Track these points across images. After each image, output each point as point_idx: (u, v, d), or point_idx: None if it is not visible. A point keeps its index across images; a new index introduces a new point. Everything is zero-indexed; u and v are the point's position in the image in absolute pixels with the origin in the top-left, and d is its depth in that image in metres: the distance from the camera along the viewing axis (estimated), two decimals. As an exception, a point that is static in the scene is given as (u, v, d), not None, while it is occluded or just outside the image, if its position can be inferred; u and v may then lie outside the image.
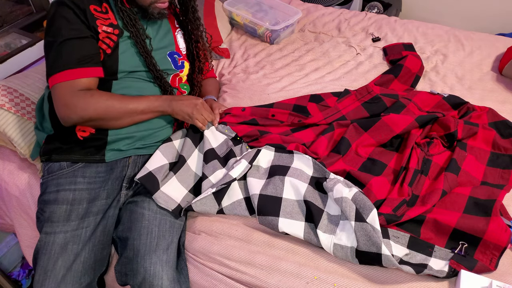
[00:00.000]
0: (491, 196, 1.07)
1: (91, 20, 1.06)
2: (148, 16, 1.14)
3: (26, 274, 1.67)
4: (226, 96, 1.52)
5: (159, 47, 1.21)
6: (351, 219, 0.97)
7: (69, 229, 1.01)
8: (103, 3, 1.11)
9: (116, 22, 1.11)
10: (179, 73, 1.29)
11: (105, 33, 1.08)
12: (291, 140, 1.24)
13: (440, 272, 0.92)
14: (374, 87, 1.49)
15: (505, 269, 0.95)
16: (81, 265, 0.98)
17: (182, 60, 1.30)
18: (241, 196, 1.11)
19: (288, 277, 0.97)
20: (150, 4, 1.12)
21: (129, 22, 1.11)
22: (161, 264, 0.96)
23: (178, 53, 1.28)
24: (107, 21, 1.10)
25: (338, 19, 2.05)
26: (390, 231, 1.01)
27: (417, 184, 1.12)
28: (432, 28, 1.92)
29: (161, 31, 1.24)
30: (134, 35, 1.12)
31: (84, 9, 1.05)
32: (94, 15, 1.07)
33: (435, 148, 1.23)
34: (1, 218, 1.38)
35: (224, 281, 1.02)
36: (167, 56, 1.24)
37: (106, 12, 1.10)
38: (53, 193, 1.06)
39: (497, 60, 1.66)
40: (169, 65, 1.25)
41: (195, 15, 1.27)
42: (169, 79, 1.25)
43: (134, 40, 1.13)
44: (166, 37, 1.25)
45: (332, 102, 1.42)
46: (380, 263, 0.92)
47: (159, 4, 1.13)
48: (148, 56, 1.15)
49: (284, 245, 1.03)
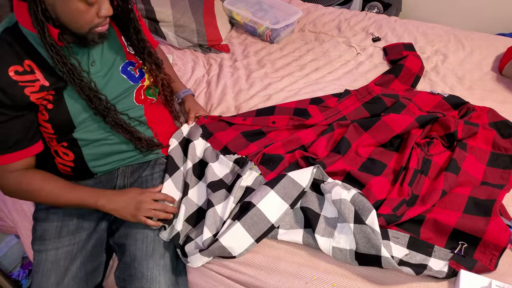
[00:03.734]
0: (491, 196, 1.07)
1: (16, 92, 0.86)
2: (88, 43, 0.91)
3: (26, 274, 1.68)
4: (228, 97, 1.52)
5: (108, 65, 1.01)
6: (350, 221, 0.96)
7: (60, 246, 1.02)
8: (25, 60, 0.88)
9: (47, 83, 0.90)
10: (142, 83, 1.10)
11: (40, 99, 0.91)
12: (292, 140, 1.24)
13: (439, 273, 0.92)
14: (375, 87, 1.49)
15: (504, 269, 0.95)
16: (72, 280, 0.99)
17: (139, 68, 1.09)
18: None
19: (287, 277, 0.97)
20: (88, 31, 0.88)
21: (69, 75, 0.90)
22: (158, 268, 0.96)
23: (132, 62, 1.07)
24: (37, 85, 0.89)
25: (338, 19, 2.04)
26: (390, 232, 1.01)
27: (417, 184, 1.12)
28: (432, 28, 1.91)
29: (106, 44, 1.02)
30: (73, 82, 0.91)
31: (2, 86, 0.84)
32: (18, 82, 0.86)
33: (435, 148, 1.23)
34: (2, 220, 1.38)
35: (224, 282, 1.02)
36: (120, 73, 1.04)
37: (31, 72, 0.88)
38: (44, 210, 1.07)
39: (497, 60, 1.66)
40: (126, 83, 1.05)
41: (138, 37, 1.03)
42: (133, 96, 1.08)
43: (77, 91, 0.93)
44: (113, 48, 1.03)
45: (332, 103, 1.42)
46: (379, 264, 0.92)
47: (99, 28, 0.89)
48: (93, 99, 0.95)
49: (284, 245, 1.03)
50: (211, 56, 1.81)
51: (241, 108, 1.48)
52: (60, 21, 0.84)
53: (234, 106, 1.50)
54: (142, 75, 1.09)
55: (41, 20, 0.82)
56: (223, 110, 1.48)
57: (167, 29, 1.80)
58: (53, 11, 0.83)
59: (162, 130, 1.20)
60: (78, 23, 0.85)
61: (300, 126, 1.34)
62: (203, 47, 1.84)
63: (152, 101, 1.14)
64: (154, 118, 1.15)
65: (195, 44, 1.83)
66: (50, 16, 0.83)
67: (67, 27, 0.86)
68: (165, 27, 1.79)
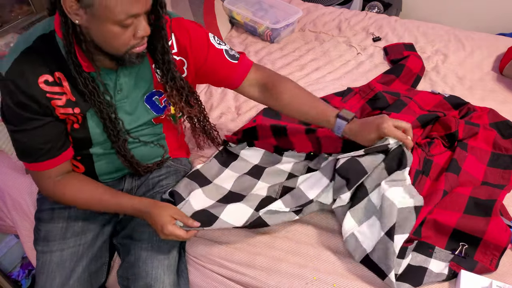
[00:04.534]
0: (491, 196, 1.06)
1: (44, 101, 0.86)
2: (125, 63, 0.87)
3: (26, 274, 1.67)
4: (228, 97, 1.52)
5: (135, 93, 0.98)
6: (384, 229, 0.93)
7: (65, 247, 1.02)
8: (55, 72, 0.86)
9: (74, 98, 0.89)
10: (166, 113, 1.06)
11: (64, 115, 0.90)
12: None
13: (440, 276, 0.92)
14: (377, 84, 1.49)
15: (505, 269, 0.94)
16: (77, 281, 0.99)
17: (165, 100, 1.03)
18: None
19: (287, 278, 0.97)
20: (126, 52, 0.84)
21: (90, 96, 0.89)
22: (162, 268, 0.96)
23: (160, 92, 1.01)
24: (64, 98, 0.88)
25: (338, 18, 2.04)
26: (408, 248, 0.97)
27: (418, 184, 1.11)
28: (432, 28, 1.91)
29: (136, 71, 0.97)
30: (93, 104, 0.90)
31: (33, 94, 0.84)
32: (46, 93, 0.86)
33: (436, 148, 1.22)
34: (2, 220, 1.38)
35: (224, 283, 1.02)
36: (144, 103, 1.00)
37: (59, 84, 0.87)
38: (48, 211, 1.06)
39: (498, 60, 1.66)
40: (149, 113, 1.02)
41: (164, 57, 0.93)
42: (151, 121, 1.05)
43: (96, 112, 0.92)
44: (143, 76, 0.98)
45: (337, 102, 1.43)
46: (381, 278, 0.91)
47: (136, 49, 0.85)
48: (107, 124, 0.94)
49: (284, 246, 1.03)
50: (211, 56, 1.81)
51: (241, 107, 1.48)
52: (96, 43, 0.82)
53: (235, 106, 1.50)
54: (167, 106, 1.05)
55: (69, 41, 0.81)
56: (223, 110, 1.48)
57: (167, 29, 1.79)
58: (88, 34, 0.80)
59: (174, 144, 1.17)
60: (114, 46, 0.82)
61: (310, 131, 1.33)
62: (203, 47, 1.84)
63: (171, 121, 1.10)
64: (170, 133, 1.13)
65: (195, 44, 1.83)
66: (84, 38, 0.81)
67: (102, 49, 0.83)
68: (165, 27, 1.79)
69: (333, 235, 1.04)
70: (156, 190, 1.10)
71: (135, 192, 1.12)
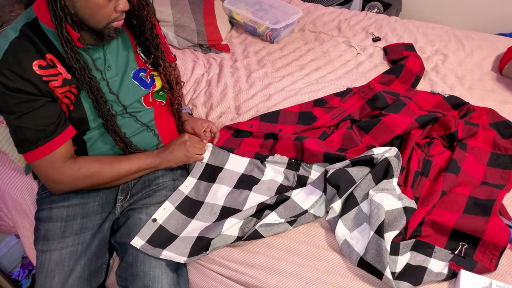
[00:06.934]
0: (491, 196, 1.07)
1: (41, 85, 0.89)
2: (105, 38, 0.93)
3: (26, 274, 1.67)
4: (228, 97, 1.52)
5: (122, 71, 1.04)
6: (373, 229, 0.95)
7: (64, 246, 1.02)
8: (46, 54, 0.90)
9: (69, 76, 0.93)
10: (153, 89, 1.12)
11: (62, 94, 0.94)
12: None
13: (439, 275, 0.92)
14: (376, 84, 1.49)
15: (505, 269, 0.95)
16: (77, 280, 0.99)
17: (150, 75, 1.10)
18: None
19: (287, 277, 0.97)
20: (106, 25, 0.90)
21: (81, 72, 0.92)
22: (160, 268, 0.96)
23: (143, 69, 1.09)
24: (60, 78, 0.92)
25: (338, 18, 2.04)
26: (401, 244, 0.98)
27: (417, 186, 1.12)
28: (432, 28, 1.91)
29: (120, 50, 1.04)
30: (83, 80, 0.93)
31: (29, 78, 0.87)
32: (42, 77, 0.89)
33: (436, 149, 1.23)
34: (2, 220, 1.38)
35: (224, 282, 1.02)
36: (132, 80, 1.06)
37: (53, 66, 0.91)
38: (47, 210, 1.07)
39: (497, 60, 1.66)
40: (138, 89, 1.07)
41: (152, 33, 1.03)
42: (142, 100, 1.10)
43: (86, 90, 0.95)
44: (126, 54, 1.05)
45: (336, 103, 1.43)
46: (379, 278, 0.92)
47: (115, 23, 0.92)
48: (99, 100, 0.97)
49: (284, 245, 1.03)
50: (211, 56, 1.81)
51: (241, 107, 1.48)
52: (79, 16, 0.87)
53: (235, 106, 1.50)
54: (153, 81, 1.11)
55: (59, 16, 0.84)
56: (223, 110, 1.48)
57: (167, 29, 1.80)
58: (72, 6, 0.85)
59: (167, 137, 1.19)
60: (96, 17, 0.88)
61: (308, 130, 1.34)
62: (203, 47, 1.84)
63: (162, 104, 1.15)
64: (162, 124, 1.16)
65: (195, 44, 1.83)
66: (68, 11, 0.85)
67: (85, 22, 0.88)
68: (165, 26, 1.80)
69: (333, 235, 1.04)
70: (153, 187, 1.12)
71: (132, 189, 1.13)
